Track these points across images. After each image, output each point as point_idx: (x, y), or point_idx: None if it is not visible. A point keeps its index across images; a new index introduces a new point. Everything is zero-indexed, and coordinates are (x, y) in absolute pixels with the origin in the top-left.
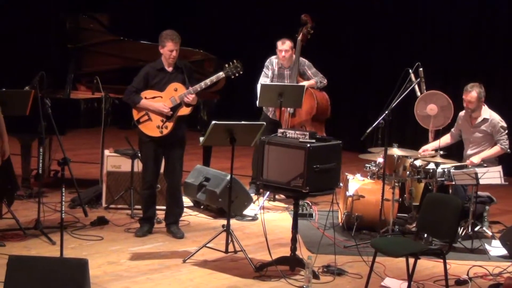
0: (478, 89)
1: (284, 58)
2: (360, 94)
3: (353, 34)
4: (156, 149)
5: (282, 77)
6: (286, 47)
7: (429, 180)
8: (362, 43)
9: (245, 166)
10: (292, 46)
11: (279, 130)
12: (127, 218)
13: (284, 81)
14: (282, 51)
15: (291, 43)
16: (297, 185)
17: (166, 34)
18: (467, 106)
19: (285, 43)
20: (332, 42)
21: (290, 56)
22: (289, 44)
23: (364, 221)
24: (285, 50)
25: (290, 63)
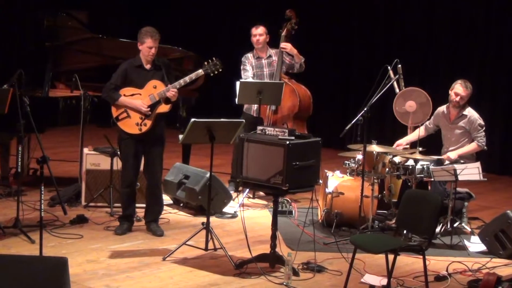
0: (470, 85)
1: (259, 42)
2: (339, 91)
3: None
4: (136, 146)
5: (261, 66)
6: (260, 31)
7: (408, 176)
8: (341, 40)
9: (225, 163)
10: (266, 31)
11: (258, 127)
12: (107, 216)
13: (264, 71)
14: (256, 35)
15: (265, 28)
16: (277, 182)
17: (146, 31)
18: (459, 101)
19: (259, 27)
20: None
21: (264, 41)
22: (263, 29)
23: (343, 218)
24: (259, 34)
25: (265, 51)
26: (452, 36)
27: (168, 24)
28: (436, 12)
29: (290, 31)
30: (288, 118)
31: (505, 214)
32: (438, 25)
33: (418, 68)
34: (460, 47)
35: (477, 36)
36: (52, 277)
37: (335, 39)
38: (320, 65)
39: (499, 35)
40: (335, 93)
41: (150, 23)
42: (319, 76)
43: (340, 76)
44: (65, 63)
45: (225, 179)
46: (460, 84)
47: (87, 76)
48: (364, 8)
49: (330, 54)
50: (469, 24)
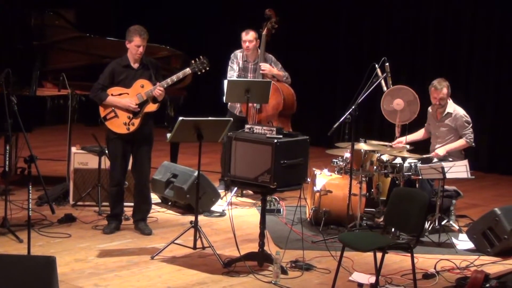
0: (446, 83)
1: (249, 48)
2: (327, 89)
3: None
4: (124, 146)
5: (246, 70)
6: (251, 37)
7: (396, 174)
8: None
9: (213, 162)
10: (257, 37)
11: (246, 126)
12: (95, 215)
13: (248, 75)
14: (246, 41)
15: (256, 33)
16: (265, 181)
17: (134, 29)
18: (439, 103)
19: (249, 33)
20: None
21: (255, 48)
22: (254, 35)
23: (331, 216)
24: (249, 40)
25: (254, 56)
26: (440, 34)
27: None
28: (424, 9)
29: (270, 30)
30: (273, 117)
31: (492, 211)
32: (426, 22)
33: (406, 66)
34: (448, 45)
35: (465, 33)
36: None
37: (322, 37)
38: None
39: (486, 32)
40: (323, 91)
41: (138, 22)
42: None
43: (327, 74)
44: (52, 62)
45: (213, 177)
46: (434, 88)
47: (75, 75)
48: (351, 5)
49: (317, 52)
50: (456, 21)
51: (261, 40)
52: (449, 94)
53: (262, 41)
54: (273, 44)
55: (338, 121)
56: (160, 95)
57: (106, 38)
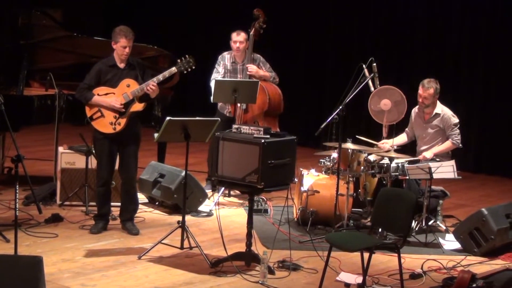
0: (435, 85)
1: (239, 49)
2: (314, 89)
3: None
4: (111, 145)
5: (236, 72)
6: (241, 38)
7: (383, 174)
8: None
9: (200, 162)
10: (247, 38)
11: (234, 126)
12: (82, 215)
13: (237, 76)
14: (237, 42)
15: (246, 35)
16: (252, 181)
17: (120, 30)
18: (423, 101)
19: (240, 34)
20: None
21: (244, 49)
22: (244, 36)
23: (319, 216)
24: (239, 41)
25: (243, 57)
26: (427, 34)
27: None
28: (411, 9)
29: (258, 30)
30: (258, 116)
31: (479, 212)
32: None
33: (393, 66)
34: (435, 45)
35: (452, 33)
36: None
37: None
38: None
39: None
40: (310, 91)
41: (125, 22)
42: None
43: (315, 74)
44: (39, 61)
45: (201, 177)
46: (421, 85)
47: (62, 74)
48: (338, 4)
49: (304, 52)
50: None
51: (249, 40)
52: (435, 96)
53: (249, 41)
54: (260, 43)
55: (326, 121)
56: (154, 91)
57: (93, 38)
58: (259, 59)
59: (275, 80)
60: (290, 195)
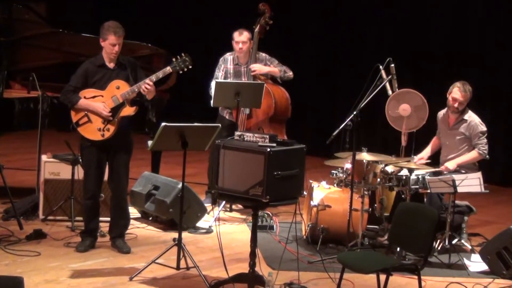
0: (470, 88)
1: (242, 50)
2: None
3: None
4: (99, 154)
5: (239, 75)
6: (244, 38)
7: (402, 188)
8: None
9: (199, 172)
10: (250, 37)
11: (236, 133)
12: (67, 231)
13: (241, 79)
14: (239, 42)
15: (249, 34)
16: (256, 194)
17: (108, 26)
18: (458, 106)
19: (243, 33)
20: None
21: (248, 50)
22: (247, 35)
23: (330, 234)
24: (242, 41)
25: (246, 58)
26: (449, 32)
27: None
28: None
29: (264, 27)
30: (263, 122)
31: (508, 230)
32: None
33: (413, 68)
34: (458, 45)
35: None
36: None
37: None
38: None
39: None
40: (321, 94)
41: (116, 17)
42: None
43: (326, 75)
44: (21, 60)
45: (199, 190)
46: (458, 88)
47: (46, 75)
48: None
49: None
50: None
51: (253, 38)
52: (468, 100)
53: (254, 39)
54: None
55: (338, 129)
56: (150, 91)
57: (81, 34)
58: (265, 58)
59: (288, 75)
60: (299, 210)
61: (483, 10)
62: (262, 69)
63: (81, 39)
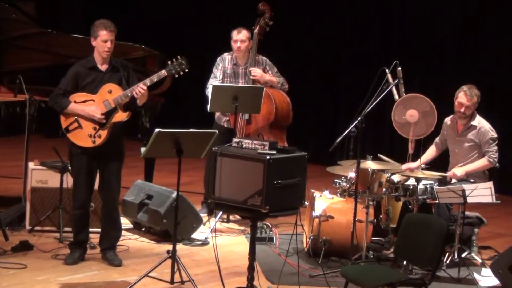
0: (477, 92)
1: (240, 50)
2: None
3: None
4: (89, 162)
5: (237, 76)
6: (242, 36)
7: (409, 198)
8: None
9: (195, 181)
10: (250, 36)
11: (234, 140)
12: (55, 242)
13: (239, 81)
14: (237, 41)
15: (249, 33)
16: (255, 204)
17: (99, 23)
18: (464, 112)
19: (241, 32)
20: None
21: (247, 49)
22: (246, 34)
23: (333, 246)
24: (240, 40)
25: (246, 58)
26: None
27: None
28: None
29: (263, 28)
30: (263, 129)
31: None
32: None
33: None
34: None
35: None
36: None
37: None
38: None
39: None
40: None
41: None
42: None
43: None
44: (7, 62)
45: (195, 199)
46: (463, 92)
47: (34, 77)
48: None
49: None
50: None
51: (252, 38)
52: (476, 105)
53: (253, 40)
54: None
55: (342, 135)
56: (142, 96)
57: (71, 35)
58: (265, 62)
59: (284, 87)
60: (300, 221)
61: (495, 11)
62: (263, 77)
63: (71, 40)
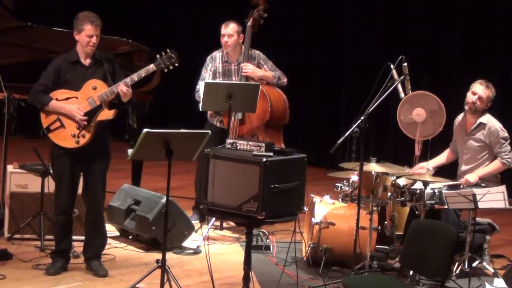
0: (494, 90)
1: (228, 45)
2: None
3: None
4: (72, 164)
5: (229, 74)
6: (230, 30)
7: (416, 203)
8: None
9: (185, 185)
10: (239, 30)
11: (228, 141)
12: (36, 251)
13: (232, 79)
14: (225, 35)
15: (238, 26)
16: (251, 210)
17: (84, 16)
18: (475, 101)
19: (229, 25)
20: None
21: (236, 43)
22: (235, 27)
23: (334, 255)
24: (228, 34)
25: (237, 54)
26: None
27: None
28: None
29: (257, 21)
30: (258, 129)
31: None
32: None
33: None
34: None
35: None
36: None
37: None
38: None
39: None
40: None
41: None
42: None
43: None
44: None
45: (186, 205)
46: (480, 83)
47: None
48: None
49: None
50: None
51: (245, 32)
52: (488, 103)
53: (246, 34)
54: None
55: (343, 136)
56: (126, 94)
57: (52, 29)
58: (259, 56)
59: (281, 81)
60: (298, 228)
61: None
62: (255, 73)
63: (53, 34)
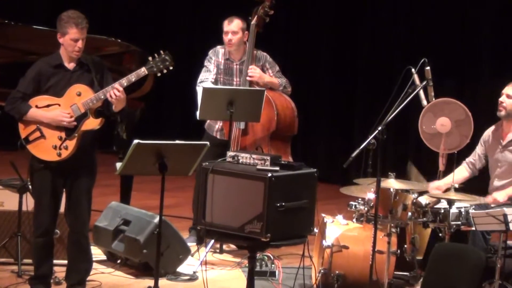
0: None
1: (232, 43)
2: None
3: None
4: (54, 179)
5: (230, 73)
6: (234, 27)
7: (439, 224)
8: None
9: (181, 203)
10: (244, 27)
11: (229, 153)
12: (13, 276)
13: (233, 79)
14: (228, 32)
15: (243, 23)
16: (254, 231)
17: (68, 17)
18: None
19: (233, 22)
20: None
21: (240, 42)
22: (239, 24)
23: (347, 282)
24: (232, 31)
25: (241, 52)
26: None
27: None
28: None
29: (262, 18)
30: (263, 140)
31: None
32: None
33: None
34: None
35: None
36: None
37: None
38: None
39: None
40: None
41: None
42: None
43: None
44: None
45: (182, 225)
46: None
47: None
48: None
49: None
50: None
51: (249, 31)
52: None
53: (250, 32)
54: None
55: (358, 148)
56: (118, 100)
57: (32, 27)
58: (264, 59)
59: (286, 91)
60: (308, 251)
61: None
62: (262, 78)
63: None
